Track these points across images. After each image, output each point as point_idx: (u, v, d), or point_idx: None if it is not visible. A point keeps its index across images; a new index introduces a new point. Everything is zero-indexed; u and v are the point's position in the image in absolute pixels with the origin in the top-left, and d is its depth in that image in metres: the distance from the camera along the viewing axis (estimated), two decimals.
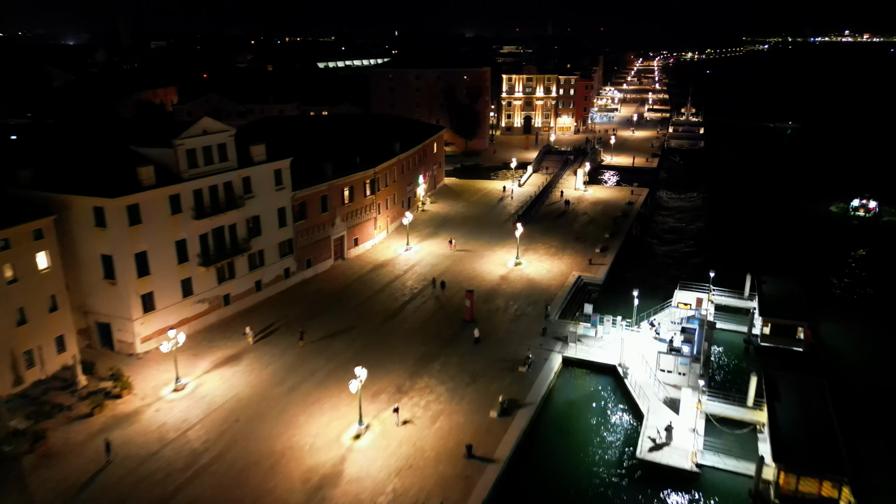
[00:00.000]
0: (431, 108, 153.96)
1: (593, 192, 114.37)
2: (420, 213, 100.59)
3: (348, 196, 78.87)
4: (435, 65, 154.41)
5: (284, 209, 68.95)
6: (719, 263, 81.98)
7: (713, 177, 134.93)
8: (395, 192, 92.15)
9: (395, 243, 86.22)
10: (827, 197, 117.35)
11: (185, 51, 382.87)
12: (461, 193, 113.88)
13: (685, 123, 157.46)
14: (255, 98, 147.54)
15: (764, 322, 58.66)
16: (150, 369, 53.82)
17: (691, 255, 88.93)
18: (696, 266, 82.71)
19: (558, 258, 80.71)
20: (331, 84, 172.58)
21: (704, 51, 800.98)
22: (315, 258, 74.74)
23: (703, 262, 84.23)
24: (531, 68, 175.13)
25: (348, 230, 79.68)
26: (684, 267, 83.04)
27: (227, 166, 61.45)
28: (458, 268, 77.43)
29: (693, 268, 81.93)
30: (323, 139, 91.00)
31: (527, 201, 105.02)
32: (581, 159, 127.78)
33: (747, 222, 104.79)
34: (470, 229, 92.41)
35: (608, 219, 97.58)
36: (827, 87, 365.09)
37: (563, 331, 60.75)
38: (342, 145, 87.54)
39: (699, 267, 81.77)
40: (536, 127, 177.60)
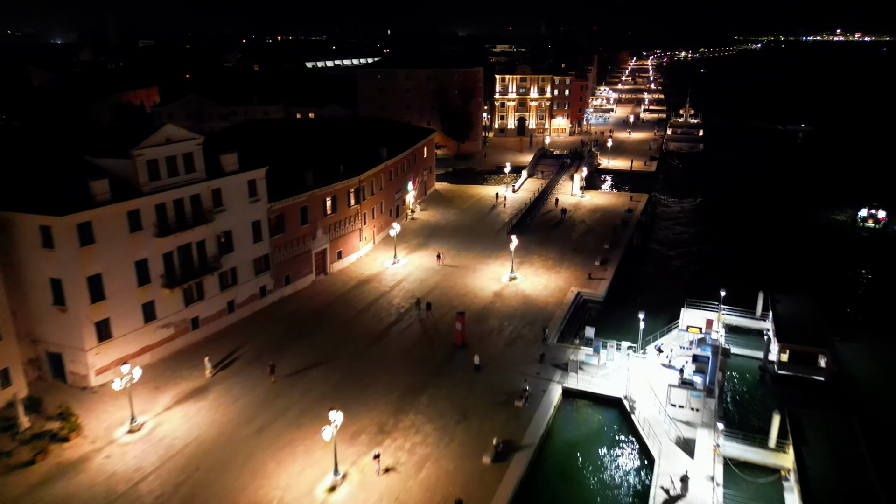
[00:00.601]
0: (422, 109, 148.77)
1: (591, 198, 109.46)
2: (409, 222, 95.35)
3: (331, 206, 73.55)
4: (425, 65, 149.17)
5: (260, 222, 63.56)
6: (726, 278, 77.05)
7: (714, 181, 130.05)
8: (383, 201, 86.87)
9: (382, 255, 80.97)
10: (832, 205, 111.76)
11: (173, 50, 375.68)
12: (453, 200, 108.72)
13: (684, 125, 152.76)
14: (238, 99, 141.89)
15: (781, 348, 53.73)
16: (104, 405, 48.36)
17: (696, 268, 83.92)
18: (703, 280, 77.72)
19: (555, 272, 75.64)
20: (319, 84, 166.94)
21: (698, 50, 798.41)
22: (294, 274, 69.39)
23: (709, 275, 79.38)
24: (525, 68, 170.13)
25: (331, 243, 74.36)
26: (690, 281, 78.10)
27: (194, 178, 56.00)
28: (449, 283, 72.24)
29: (699, 282, 76.93)
30: (306, 144, 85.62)
31: (521, 209, 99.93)
32: (577, 163, 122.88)
33: (751, 232, 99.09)
34: (461, 240, 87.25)
35: (607, 227, 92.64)
36: (831, 87, 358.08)
37: (563, 356, 55.67)
38: (326, 151, 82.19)
39: (705, 281, 76.79)
40: (531, 128, 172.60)
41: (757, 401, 52.04)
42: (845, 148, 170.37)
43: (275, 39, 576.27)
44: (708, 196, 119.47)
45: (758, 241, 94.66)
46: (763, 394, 52.90)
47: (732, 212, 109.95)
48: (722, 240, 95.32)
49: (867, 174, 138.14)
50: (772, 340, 55.56)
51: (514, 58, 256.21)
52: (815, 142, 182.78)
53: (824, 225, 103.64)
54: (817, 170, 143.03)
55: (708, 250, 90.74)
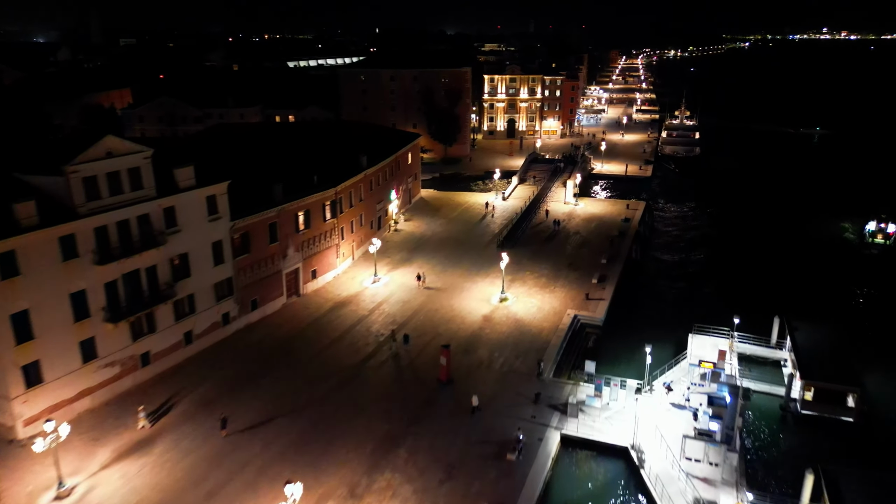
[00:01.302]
0: (408, 111, 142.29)
1: (585, 206, 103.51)
2: (392, 234, 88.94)
3: (304, 221, 67.01)
4: (411, 65, 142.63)
5: (221, 243, 56.94)
6: (734, 298, 71.69)
7: (713, 188, 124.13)
8: (363, 213, 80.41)
9: (362, 273, 74.53)
10: (839, 215, 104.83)
11: (155, 49, 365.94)
12: (439, 208, 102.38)
13: (679, 128, 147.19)
14: (213, 101, 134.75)
15: (805, 386, 47.91)
16: (32, 463, 41.60)
17: (701, 286, 77.54)
18: (709, 301, 71.97)
19: (550, 291, 69.54)
20: (300, 85, 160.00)
21: (687, 48, 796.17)
22: (262, 298, 62.81)
23: (716, 295, 73.62)
24: (515, 68, 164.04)
25: (304, 261, 67.82)
26: (695, 301, 72.16)
27: (141, 195, 49.33)
28: (434, 306, 65.93)
29: (706, 303, 71.19)
30: (279, 152, 79.01)
31: (512, 219, 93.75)
32: (570, 169, 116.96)
33: (757, 246, 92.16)
34: (448, 254, 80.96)
35: (603, 239, 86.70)
36: (836, 87, 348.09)
37: (561, 395, 49.58)
38: (300, 159, 75.66)
39: (712, 302, 71.20)
40: (521, 130, 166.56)
41: (781, 448, 46.09)
42: (862, 153, 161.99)
43: (262, 38, 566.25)
44: (707, 203, 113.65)
45: (764, 256, 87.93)
46: (787, 439, 47.00)
47: (735, 222, 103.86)
48: (726, 254, 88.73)
49: (877, 181, 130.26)
50: (794, 376, 49.71)
51: (503, 57, 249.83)
52: (831, 146, 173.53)
53: (830, 238, 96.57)
54: (832, 176, 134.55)
55: (712, 266, 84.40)
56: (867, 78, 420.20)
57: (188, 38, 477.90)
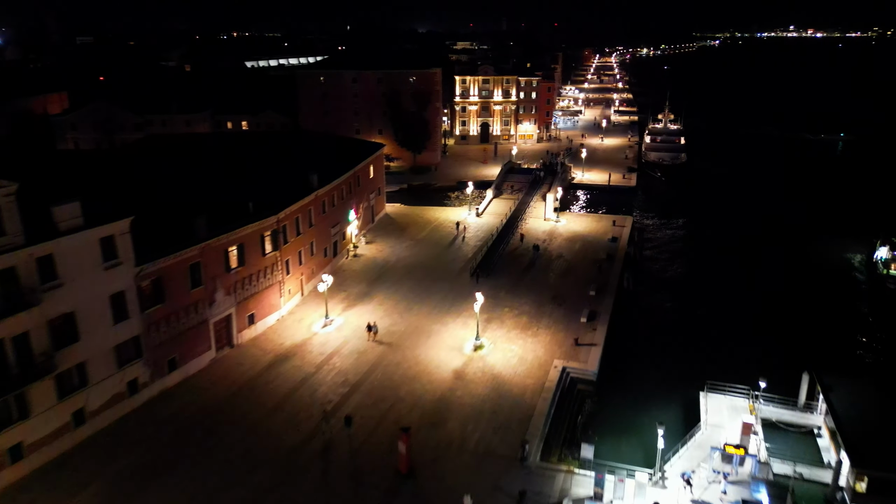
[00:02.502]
0: (373, 116, 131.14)
1: (567, 222, 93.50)
2: (351, 261, 77.88)
3: (236, 258, 55.66)
4: (375, 65, 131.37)
5: (124, 294, 45.43)
6: (744, 341, 62.43)
7: (703, 201, 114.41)
8: (314, 240, 69.23)
9: (312, 313, 63.40)
10: (841, 236, 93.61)
11: (112, 48, 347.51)
12: (406, 227, 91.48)
13: (664, 132, 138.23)
14: (156, 106, 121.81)
15: (857, 475, 38.17)
16: None
17: (706, 327, 66.57)
18: (717, 345, 62.11)
19: (532, 334, 59.20)
20: (255, 88, 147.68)
21: (659, 46, 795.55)
22: (183, 355, 51.39)
23: (724, 340, 63.67)
24: (488, 69, 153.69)
25: (238, 306, 56.47)
26: (701, 346, 62.14)
27: (4, 244, 37.69)
28: (395, 357, 55.14)
29: (714, 348, 61.40)
30: (213, 171, 67.57)
31: (487, 240, 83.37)
32: (550, 180, 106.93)
33: (759, 275, 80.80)
34: (414, 286, 70.23)
35: (590, 263, 76.79)
36: (836, 89, 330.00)
37: (551, 489, 39.23)
38: (238, 180, 64.32)
39: (721, 348, 61.50)
40: (495, 135, 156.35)
41: None
42: (863, 161, 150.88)
43: (230, 36, 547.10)
44: (698, 220, 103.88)
45: (771, 289, 76.60)
46: None
47: (731, 241, 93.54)
48: (728, 285, 77.78)
49: (878, 194, 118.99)
50: (840, 460, 39.92)
51: (475, 56, 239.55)
52: (855, 154, 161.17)
53: (838, 266, 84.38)
54: (832, 188, 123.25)
55: (714, 301, 73.09)
56: (862, 78, 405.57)
57: (151, 36, 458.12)
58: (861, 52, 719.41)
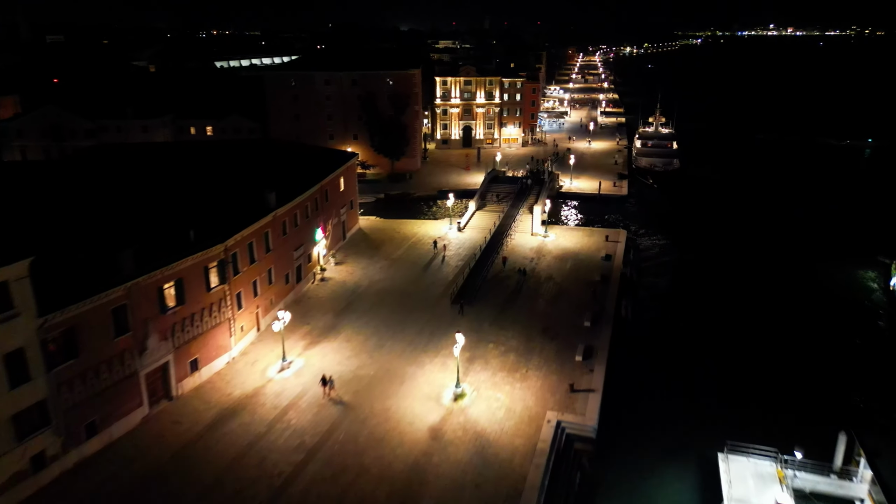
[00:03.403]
0: (347, 121, 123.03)
1: (556, 237, 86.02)
2: (317, 287, 69.81)
3: (174, 296, 47.45)
4: (350, 66, 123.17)
5: (23, 352, 37.12)
6: (759, 386, 55.20)
7: (702, 210, 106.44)
8: (273, 266, 61.07)
9: (268, 353, 55.26)
10: (849, 253, 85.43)
11: (82, 47, 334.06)
12: (381, 245, 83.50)
13: (655, 136, 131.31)
14: (111, 111, 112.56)
15: None
16: None
17: (716, 368, 58.92)
18: (735, 391, 54.63)
19: (521, 378, 51.57)
20: (224, 89, 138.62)
21: (642, 45, 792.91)
22: (106, 416, 43.12)
23: (740, 381, 56.26)
24: (470, 69, 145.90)
25: (177, 351, 48.24)
26: (713, 390, 54.60)
27: None
28: (362, 412, 47.20)
29: (731, 394, 53.99)
30: (155, 190, 59.18)
31: (470, 260, 75.71)
32: (537, 189, 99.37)
33: (769, 303, 71.73)
34: (388, 316, 62.33)
35: (583, 287, 69.40)
36: (823, 89, 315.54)
37: None
38: (181, 201, 56.09)
39: (739, 393, 54.21)
40: (478, 139, 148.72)
41: None
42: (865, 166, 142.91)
43: (209, 34, 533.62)
44: (697, 231, 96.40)
45: (788, 319, 67.78)
46: None
47: (735, 259, 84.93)
48: (737, 312, 69.51)
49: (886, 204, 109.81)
50: None
51: (457, 55, 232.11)
52: (886, 161, 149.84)
53: (853, 291, 74.96)
54: (873, 200, 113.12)
55: (723, 330, 65.17)
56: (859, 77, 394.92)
57: (125, 34, 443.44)
58: (844, 51, 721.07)
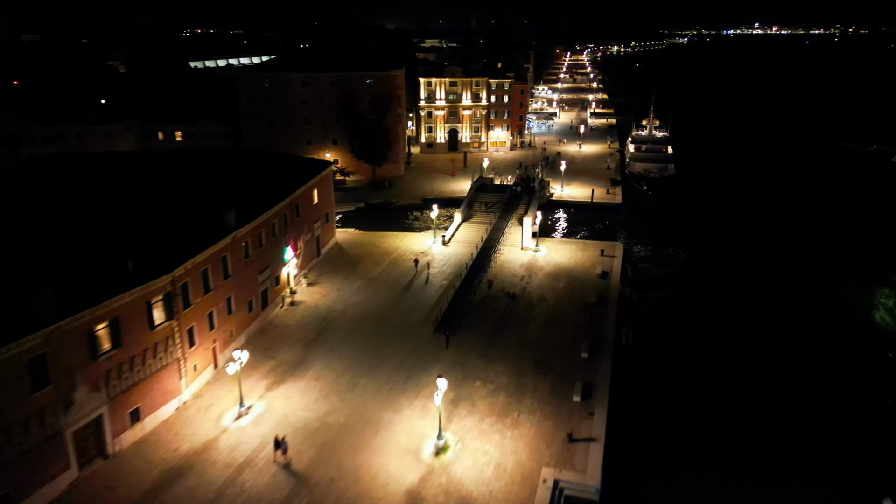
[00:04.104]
0: (326, 125, 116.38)
1: (547, 251, 79.93)
2: (286, 312, 63.25)
3: (108, 339, 40.77)
4: (328, 67, 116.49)
5: None
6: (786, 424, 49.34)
7: (702, 220, 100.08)
8: (232, 294, 54.46)
9: (227, 394, 48.71)
10: (856, 270, 80.00)
11: (58, 46, 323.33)
12: (358, 261, 77.04)
13: (649, 140, 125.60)
14: (70, 116, 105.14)
15: None
16: None
17: (733, 406, 52.87)
18: (756, 438, 48.74)
19: (512, 423, 45.41)
20: (196, 91, 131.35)
21: (629, 44, 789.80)
22: (23, 486, 36.39)
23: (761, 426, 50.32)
24: (455, 70, 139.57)
25: (113, 402, 41.56)
26: (733, 436, 48.58)
27: None
28: (329, 471, 40.78)
29: (751, 442, 48.05)
30: (92, 213, 52.43)
31: (455, 280, 69.45)
32: (527, 199, 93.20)
33: (781, 328, 65.90)
34: (362, 349, 55.90)
35: (578, 310, 63.38)
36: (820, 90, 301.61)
37: None
38: (124, 225, 49.40)
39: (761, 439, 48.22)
40: (464, 143, 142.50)
41: None
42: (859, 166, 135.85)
43: (193, 32, 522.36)
44: (699, 243, 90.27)
45: (807, 351, 61.43)
46: None
47: (743, 276, 79.32)
48: (751, 338, 63.76)
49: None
50: None
51: (443, 54, 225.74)
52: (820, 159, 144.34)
53: (865, 314, 69.34)
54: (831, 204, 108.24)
55: (736, 361, 59.45)
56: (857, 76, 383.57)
57: (106, 33, 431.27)
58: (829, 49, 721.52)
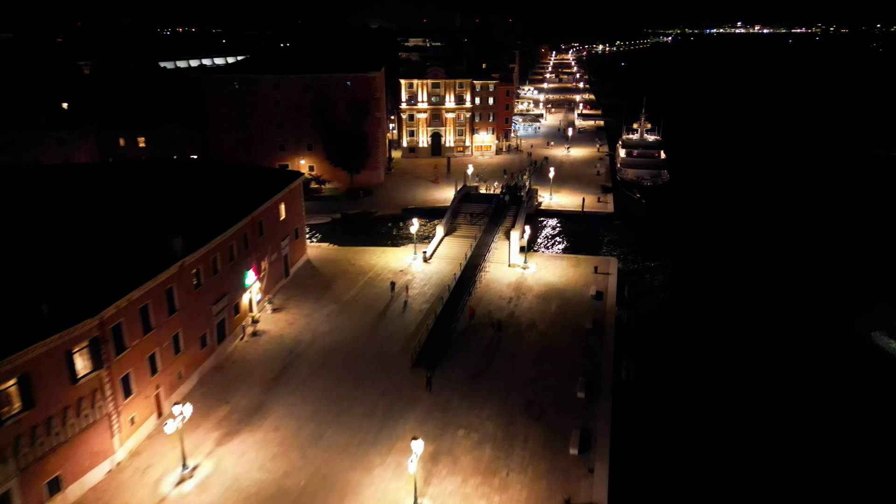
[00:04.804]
0: (300, 129, 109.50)
1: (536, 268, 73.85)
2: (246, 344, 56.57)
3: (18, 398, 34.01)
4: (302, 68, 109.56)
5: None
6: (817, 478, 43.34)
7: (702, 231, 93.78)
8: (181, 330, 47.72)
9: (170, 450, 41.98)
10: (852, 296, 72.34)
11: (28, 46, 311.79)
12: (332, 281, 70.48)
13: (641, 145, 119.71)
14: (20, 122, 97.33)
15: None
16: None
17: (747, 449, 47.80)
18: None
19: (500, 484, 39.22)
20: (164, 94, 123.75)
21: (615, 43, 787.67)
22: None
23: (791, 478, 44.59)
24: (438, 71, 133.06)
25: (24, 473, 34.74)
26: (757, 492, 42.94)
27: None
28: None
29: None
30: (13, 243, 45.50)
31: (436, 305, 63.12)
32: (515, 210, 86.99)
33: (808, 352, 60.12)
34: (329, 391, 49.42)
35: (571, 338, 57.38)
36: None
37: None
38: (50, 256, 42.54)
39: None
40: (448, 147, 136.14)
41: None
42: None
43: (174, 31, 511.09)
44: (701, 257, 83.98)
45: (824, 378, 56.32)
46: None
47: (752, 294, 73.17)
48: (767, 368, 58.12)
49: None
50: None
51: (427, 54, 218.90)
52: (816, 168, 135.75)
53: (863, 345, 62.02)
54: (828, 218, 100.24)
55: (753, 396, 53.78)
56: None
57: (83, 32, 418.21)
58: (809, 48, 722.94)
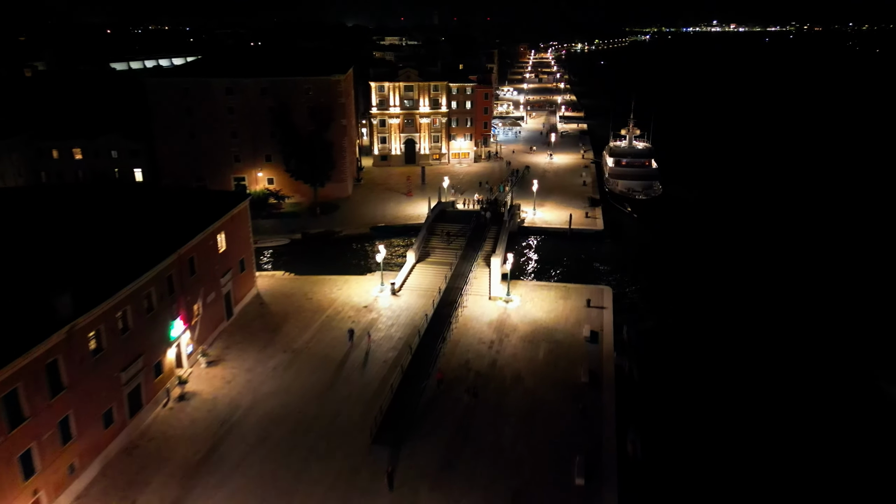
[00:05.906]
0: (257, 139, 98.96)
1: (521, 300, 64.46)
2: (170, 412, 46.33)
3: None
4: (258, 71, 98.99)
5: None
6: None
7: (705, 251, 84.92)
8: (73, 411, 37.43)
9: None
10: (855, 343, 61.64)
11: None
12: (283, 322, 60.35)
13: (630, 153, 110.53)
14: None
15: None
16: None
17: None
18: None
19: None
20: (109, 99, 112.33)
21: (593, 41, 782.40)
22: None
23: None
24: (411, 72, 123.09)
25: None
26: None
27: None
28: None
29: None
30: None
31: (404, 354, 53.37)
32: (496, 231, 77.41)
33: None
34: (267, 479, 39.41)
35: (564, 396, 48.12)
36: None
37: None
38: None
39: None
40: (423, 154, 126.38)
41: None
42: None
43: (146, 29, 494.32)
44: (709, 283, 75.08)
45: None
46: None
47: (758, 320, 65.04)
48: (789, 415, 49.59)
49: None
50: None
51: (402, 53, 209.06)
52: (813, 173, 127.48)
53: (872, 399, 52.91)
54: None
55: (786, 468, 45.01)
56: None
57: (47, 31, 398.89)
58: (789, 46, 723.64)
